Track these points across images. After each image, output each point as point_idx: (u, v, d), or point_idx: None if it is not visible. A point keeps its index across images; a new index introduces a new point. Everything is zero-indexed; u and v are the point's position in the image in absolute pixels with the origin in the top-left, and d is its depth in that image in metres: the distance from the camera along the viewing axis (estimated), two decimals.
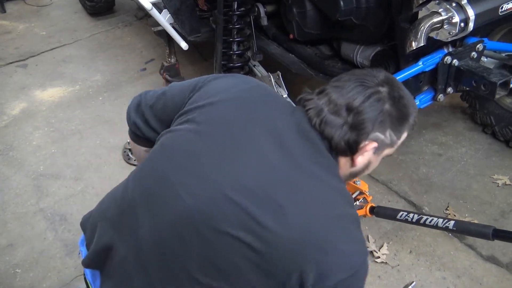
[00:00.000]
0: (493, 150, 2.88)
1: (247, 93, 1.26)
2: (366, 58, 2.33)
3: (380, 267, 2.24)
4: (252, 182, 1.08)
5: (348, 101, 1.12)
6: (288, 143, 1.13)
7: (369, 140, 1.14)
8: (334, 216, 1.06)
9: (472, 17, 1.75)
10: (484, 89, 1.93)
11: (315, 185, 1.10)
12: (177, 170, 1.16)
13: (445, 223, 1.87)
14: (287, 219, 1.03)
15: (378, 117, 1.12)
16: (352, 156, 1.17)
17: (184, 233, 1.10)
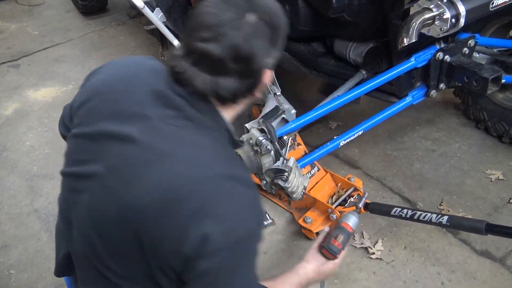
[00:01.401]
0: (486, 145, 2.90)
1: (108, 86, 1.19)
2: (359, 55, 2.33)
3: (375, 263, 2.25)
4: (118, 162, 1.06)
5: (230, 52, 1.03)
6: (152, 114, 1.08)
7: (262, 72, 1.11)
8: (209, 177, 1.02)
9: (463, 13, 1.76)
10: (476, 84, 1.94)
11: (179, 150, 1.05)
12: (72, 175, 1.19)
13: (438, 218, 1.89)
14: (149, 189, 1.01)
15: (264, 49, 1.07)
16: (251, 94, 1.15)
17: (88, 233, 1.11)
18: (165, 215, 0.99)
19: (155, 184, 1.01)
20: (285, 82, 2.46)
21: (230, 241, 1.00)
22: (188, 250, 0.99)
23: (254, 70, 1.09)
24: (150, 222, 1.01)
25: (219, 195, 1.01)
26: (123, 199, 1.03)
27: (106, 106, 1.13)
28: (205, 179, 1.02)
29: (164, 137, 1.05)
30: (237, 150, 1.93)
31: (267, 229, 2.46)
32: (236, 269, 1.05)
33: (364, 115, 2.31)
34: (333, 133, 3.05)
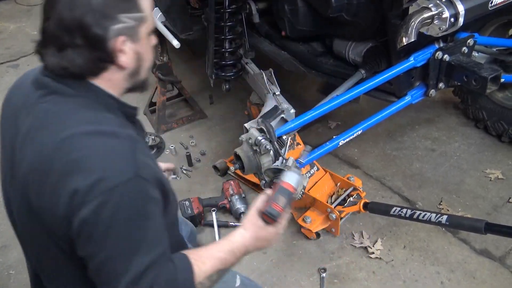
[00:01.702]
0: (485, 144, 2.90)
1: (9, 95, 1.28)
2: (358, 55, 2.33)
3: (375, 262, 2.25)
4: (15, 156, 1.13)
5: (60, 25, 1.04)
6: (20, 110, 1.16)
7: (113, 39, 1.07)
8: (72, 135, 1.03)
9: (462, 12, 1.76)
10: (475, 84, 1.94)
11: (47, 119, 1.08)
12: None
13: (438, 217, 1.89)
14: (29, 164, 1.07)
15: (98, 14, 1.03)
16: (111, 65, 1.11)
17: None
18: (40, 183, 1.04)
19: (30, 158, 1.07)
20: (285, 82, 2.47)
21: (100, 191, 0.97)
22: (62, 210, 1.00)
23: (95, 40, 1.05)
24: (33, 195, 1.06)
25: (83, 150, 1.02)
26: (16, 183, 1.12)
27: (8, 115, 1.23)
28: (67, 139, 1.03)
29: (37, 116, 1.10)
30: (236, 150, 1.93)
31: None
32: (115, 224, 0.99)
33: (364, 115, 2.31)
34: (333, 132, 3.05)
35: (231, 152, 2.06)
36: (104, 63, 1.11)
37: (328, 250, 2.33)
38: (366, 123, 2.12)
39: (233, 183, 2.60)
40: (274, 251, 2.34)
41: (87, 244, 1.01)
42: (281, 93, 2.33)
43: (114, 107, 1.15)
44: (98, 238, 0.99)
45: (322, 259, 2.29)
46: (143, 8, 1.11)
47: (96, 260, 1.01)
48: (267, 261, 2.30)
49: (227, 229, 2.47)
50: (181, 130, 3.28)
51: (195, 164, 2.95)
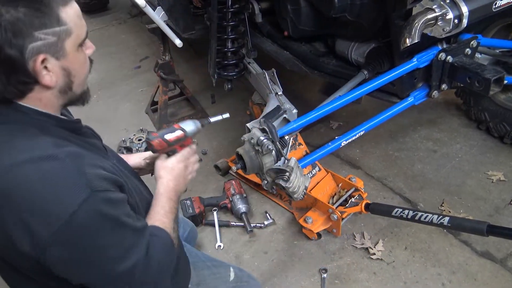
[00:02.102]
0: (487, 146, 2.89)
1: None
2: (360, 55, 2.33)
3: (376, 263, 2.24)
4: None
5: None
6: None
7: (31, 60, 0.98)
8: (6, 170, 0.96)
9: (466, 14, 1.75)
10: (478, 85, 1.93)
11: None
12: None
13: (439, 219, 1.88)
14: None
15: (13, 33, 0.93)
16: (36, 85, 1.03)
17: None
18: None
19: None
20: (286, 82, 2.46)
21: (56, 228, 0.94)
22: (29, 250, 0.96)
23: (10, 62, 0.96)
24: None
25: (21, 185, 0.94)
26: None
27: None
28: (4, 175, 0.96)
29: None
30: (238, 149, 1.93)
31: (267, 228, 2.46)
32: (92, 245, 0.99)
33: (366, 115, 2.31)
34: (335, 133, 3.05)
35: (233, 152, 2.06)
36: (26, 84, 1.02)
37: (329, 250, 2.32)
38: (369, 124, 2.11)
39: (234, 182, 2.60)
40: (275, 251, 2.34)
41: (70, 270, 1.02)
42: (283, 93, 2.32)
43: (49, 126, 1.08)
44: (83, 261, 1.00)
45: (323, 259, 2.28)
46: (65, 20, 1.00)
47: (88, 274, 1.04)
48: (268, 261, 2.29)
49: (228, 228, 2.47)
50: None
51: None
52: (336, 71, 2.47)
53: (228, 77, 2.73)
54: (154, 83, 3.34)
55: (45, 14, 0.97)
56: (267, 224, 2.46)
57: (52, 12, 0.98)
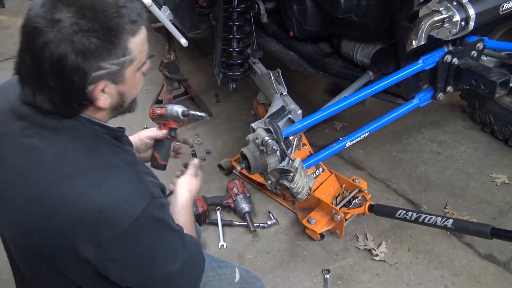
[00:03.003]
0: (492, 148, 2.89)
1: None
2: (366, 56, 2.33)
3: (379, 265, 2.24)
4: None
5: (38, 69, 0.95)
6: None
7: (92, 85, 0.99)
8: (66, 179, 0.98)
9: (472, 16, 1.75)
10: (484, 88, 1.93)
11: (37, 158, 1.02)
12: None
13: (443, 221, 1.87)
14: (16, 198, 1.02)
15: (76, 62, 0.94)
16: (91, 105, 1.05)
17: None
18: (48, 230, 0.99)
19: (21, 202, 1.01)
20: (290, 82, 2.46)
21: (122, 231, 0.98)
22: (91, 256, 0.99)
23: (72, 85, 0.98)
24: (41, 239, 1.01)
25: (88, 194, 0.97)
26: (15, 219, 1.05)
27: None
28: (68, 182, 0.98)
29: (19, 150, 1.04)
30: (243, 149, 1.93)
31: (270, 228, 2.46)
32: (151, 247, 1.06)
33: (370, 116, 2.30)
34: (338, 133, 3.05)
35: (236, 151, 2.06)
36: (82, 105, 1.04)
37: (332, 251, 2.32)
38: (373, 125, 2.12)
39: (238, 182, 2.60)
40: (278, 251, 2.34)
41: (130, 272, 1.06)
42: (288, 94, 2.32)
43: (102, 134, 1.10)
44: (141, 263, 1.05)
45: (326, 260, 2.28)
46: (131, 50, 1.01)
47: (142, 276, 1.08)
48: (271, 261, 2.30)
49: (232, 228, 2.47)
50: (186, 128, 3.28)
51: (200, 162, 2.95)
52: (341, 72, 2.47)
53: (233, 76, 2.73)
54: (159, 82, 3.34)
55: (115, 46, 0.98)
56: (270, 224, 2.47)
57: (121, 44, 0.99)
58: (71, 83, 0.97)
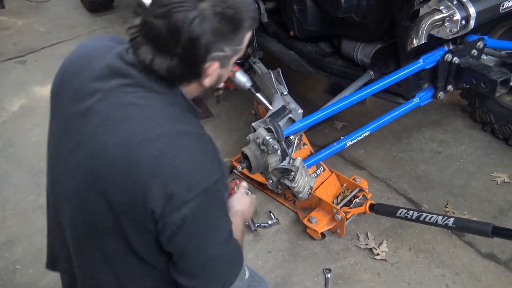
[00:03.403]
0: (492, 148, 2.89)
1: (68, 68, 1.22)
2: (366, 55, 2.33)
3: (380, 264, 2.25)
4: (79, 138, 1.12)
5: (172, 34, 1.05)
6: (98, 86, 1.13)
7: (209, 63, 1.10)
8: (162, 135, 1.05)
9: (473, 15, 1.75)
10: (484, 87, 1.93)
11: (131, 113, 1.08)
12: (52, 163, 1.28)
13: (444, 220, 1.88)
14: (110, 155, 1.06)
15: (210, 39, 1.06)
16: (198, 81, 1.15)
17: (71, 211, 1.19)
18: (127, 178, 1.05)
19: (114, 150, 1.06)
20: (291, 82, 2.46)
21: (196, 193, 1.04)
22: (157, 209, 1.04)
23: (196, 58, 1.08)
24: (115, 185, 1.07)
25: (173, 153, 1.04)
26: (91, 167, 1.09)
27: (69, 88, 1.18)
28: (157, 139, 1.05)
29: (117, 105, 1.09)
30: (243, 149, 1.93)
31: (271, 228, 2.46)
32: (207, 220, 1.10)
33: (370, 116, 2.30)
34: (339, 133, 3.05)
35: (237, 151, 2.06)
36: (191, 79, 1.14)
37: (333, 250, 2.33)
38: (374, 125, 2.12)
39: (238, 182, 2.60)
40: (279, 250, 2.34)
41: (182, 236, 1.08)
42: (288, 93, 2.32)
43: (186, 108, 1.18)
44: (194, 231, 1.08)
45: (327, 259, 2.29)
46: (244, 41, 1.15)
47: (188, 245, 1.11)
48: (272, 260, 2.30)
49: None
50: None
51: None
52: (341, 71, 2.48)
53: None
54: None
55: (238, 34, 1.11)
56: (271, 223, 2.47)
57: (241, 34, 1.12)
58: (195, 57, 1.07)
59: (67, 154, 1.15)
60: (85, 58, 1.20)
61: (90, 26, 4.69)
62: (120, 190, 1.06)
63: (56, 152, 1.22)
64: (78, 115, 1.13)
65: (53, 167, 1.26)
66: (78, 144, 1.12)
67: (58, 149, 1.20)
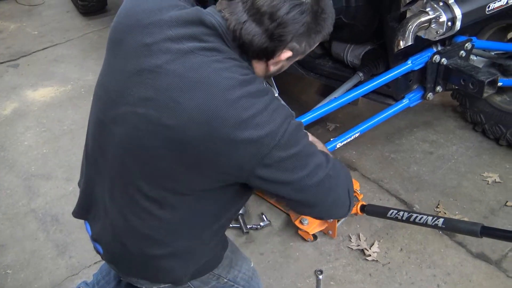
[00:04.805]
0: (483, 148, 2.90)
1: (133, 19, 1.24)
2: (356, 57, 2.34)
3: (371, 265, 2.25)
4: (151, 93, 1.14)
5: (272, 10, 1.12)
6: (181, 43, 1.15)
7: (285, 50, 1.18)
8: (240, 96, 1.10)
9: (459, 16, 1.76)
10: (472, 87, 1.94)
11: (210, 76, 1.12)
12: (102, 106, 1.30)
13: (434, 220, 1.88)
14: (186, 113, 1.10)
15: (299, 30, 1.15)
16: (267, 62, 1.23)
17: (124, 155, 1.24)
18: (210, 134, 1.09)
19: (194, 108, 1.09)
20: (283, 84, 2.47)
21: (280, 136, 1.11)
22: (246, 159, 1.11)
23: (278, 39, 1.15)
24: (197, 142, 1.11)
25: (252, 109, 1.10)
26: (164, 123, 1.12)
27: (134, 40, 1.19)
28: (237, 101, 1.09)
29: (193, 67, 1.12)
30: None
31: (263, 230, 2.46)
32: (299, 154, 1.16)
33: (362, 117, 2.31)
34: (331, 134, 3.06)
35: None
36: (263, 57, 1.20)
37: (325, 252, 2.33)
38: (364, 126, 2.13)
39: None
40: (271, 252, 2.34)
41: (281, 173, 1.15)
42: (279, 95, 2.32)
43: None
44: (294, 165, 1.15)
45: (319, 261, 2.29)
46: (313, 47, 1.24)
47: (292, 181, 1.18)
48: (264, 262, 2.30)
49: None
50: None
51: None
52: (332, 73, 2.48)
53: None
54: None
55: (316, 37, 1.20)
56: (263, 225, 2.47)
57: (318, 38, 1.21)
58: (280, 37, 1.15)
59: (133, 103, 1.17)
60: (150, 10, 1.21)
61: (83, 29, 4.68)
62: (204, 147, 1.11)
63: (113, 98, 1.24)
64: (145, 70, 1.15)
65: (104, 111, 1.28)
66: (143, 98, 1.15)
67: (119, 95, 1.22)
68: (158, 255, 1.34)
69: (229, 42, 1.17)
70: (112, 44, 1.27)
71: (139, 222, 1.29)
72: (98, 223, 1.44)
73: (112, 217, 1.35)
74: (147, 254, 1.34)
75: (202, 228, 1.35)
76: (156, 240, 1.31)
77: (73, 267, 2.34)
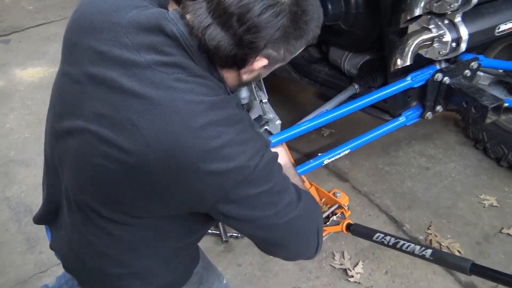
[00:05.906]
0: (482, 167, 2.76)
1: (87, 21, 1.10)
2: (353, 66, 2.19)
3: (353, 287, 2.15)
4: (106, 110, 1.02)
5: (241, 11, 0.96)
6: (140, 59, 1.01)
7: (259, 57, 1.03)
8: (206, 124, 0.98)
9: (465, 37, 1.61)
10: (475, 112, 1.80)
11: (171, 99, 0.99)
12: (57, 114, 1.17)
13: (422, 251, 1.77)
14: (144, 138, 0.98)
15: (274, 35, 0.99)
16: (239, 71, 1.08)
17: (79, 171, 1.13)
18: (170, 164, 0.98)
19: (152, 134, 0.98)
20: (280, 84, 2.33)
21: (247, 172, 1.00)
22: (208, 193, 1.00)
23: (248, 46, 1.00)
24: (155, 171, 1.00)
25: (220, 139, 0.98)
26: (120, 146, 1.00)
27: (88, 45, 1.06)
28: (201, 127, 0.97)
29: (152, 86, 0.99)
30: None
31: (243, 239, 2.37)
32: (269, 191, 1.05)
33: (359, 124, 2.18)
34: (325, 140, 2.94)
35: None
36: (234, 66, 1.06)
37: (306, 268, 2.22)
38: (355, 143, 2.00)
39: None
40: (249, 264, 2.24)
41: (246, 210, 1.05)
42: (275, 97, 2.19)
43: (224, 92, 1.11)
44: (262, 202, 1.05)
45: (299, 278, 2.19)
46: (296, 53, 1.11)
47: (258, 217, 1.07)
48: (241, 275, 2.20)
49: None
50: None
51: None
52: (327, 80, 2.35)
53: None
54: None
55: (298, 42, 1.05)
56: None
57: (300, 44, 1.06)
58: (252, 44, 1.00)
59: (88, 117, 1.05)
60: (106, 13, 1.07)
61: None
62: (162, 177, 1.01)
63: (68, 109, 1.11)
64: (99, 81, 1.03)
65: (59, 120, 1.15)
66: (98, 114, 1.03)
67: (73, 107, 1.09)
68: (116, 274, 1.24)
69: (193, 54, 1.02)
70: (66, 47, 1.13)
71: (96, 240, 1.19)
72: (58, 233, 1.35)
73: (69, 231, 1.26)
74: (105, 272, 1.24)
75: (164, 248, 1.24)
76: (114, 259, 1.21)
77: (42, 263, 2.25)
